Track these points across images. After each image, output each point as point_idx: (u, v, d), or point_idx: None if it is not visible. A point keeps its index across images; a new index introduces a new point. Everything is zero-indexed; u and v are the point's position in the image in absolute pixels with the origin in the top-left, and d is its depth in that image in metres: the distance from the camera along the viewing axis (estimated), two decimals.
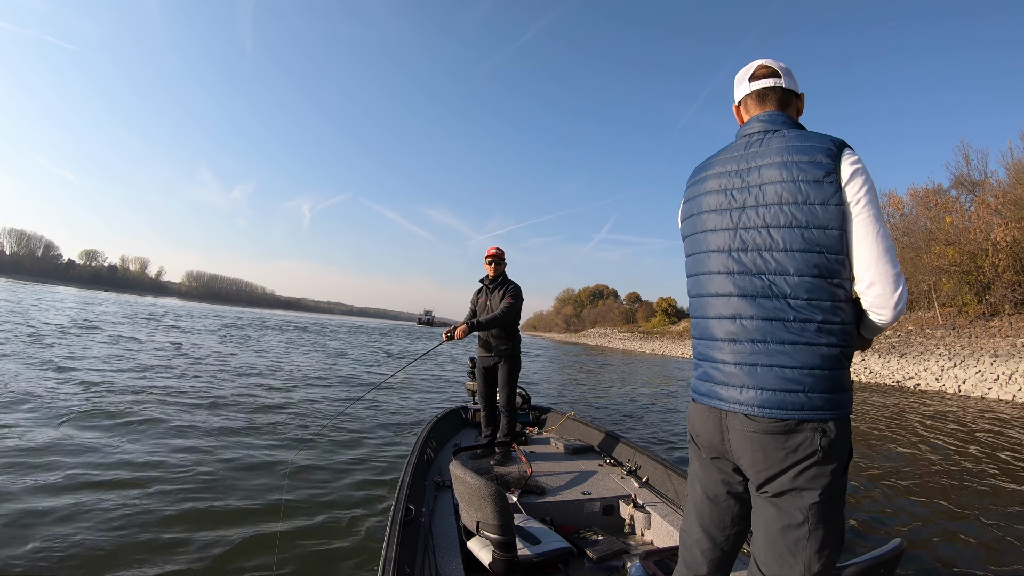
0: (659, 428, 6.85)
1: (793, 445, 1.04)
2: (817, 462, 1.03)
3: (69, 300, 33.36)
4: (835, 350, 1.04)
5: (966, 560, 2.84)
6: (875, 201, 1.06)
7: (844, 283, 1.05)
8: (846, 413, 1.05)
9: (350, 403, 6.58)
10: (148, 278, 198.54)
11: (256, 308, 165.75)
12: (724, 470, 1.18)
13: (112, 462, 3.64)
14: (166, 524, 2.76)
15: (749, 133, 1.23)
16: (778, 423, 1.04)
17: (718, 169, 1.25)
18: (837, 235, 1.04)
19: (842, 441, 1.04)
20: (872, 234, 1.04)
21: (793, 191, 1.08)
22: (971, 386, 13.67)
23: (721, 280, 1.16)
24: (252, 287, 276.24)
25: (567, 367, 18.46)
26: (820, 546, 1.03)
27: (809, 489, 1.03)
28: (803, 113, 1.30)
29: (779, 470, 1.05)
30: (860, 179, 1.05)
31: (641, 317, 73.80)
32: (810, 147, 1.10)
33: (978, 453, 5.70)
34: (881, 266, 1.03)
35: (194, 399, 6.19)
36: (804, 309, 1.05)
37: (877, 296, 1.04)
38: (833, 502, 1.04)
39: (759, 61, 1.29)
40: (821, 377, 1.03)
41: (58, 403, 5.26)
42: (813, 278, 1.05)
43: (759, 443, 1.07)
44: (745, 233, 1.14)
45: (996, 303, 18.91)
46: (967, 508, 3.72)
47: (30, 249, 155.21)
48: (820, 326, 1.04)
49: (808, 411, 1.03)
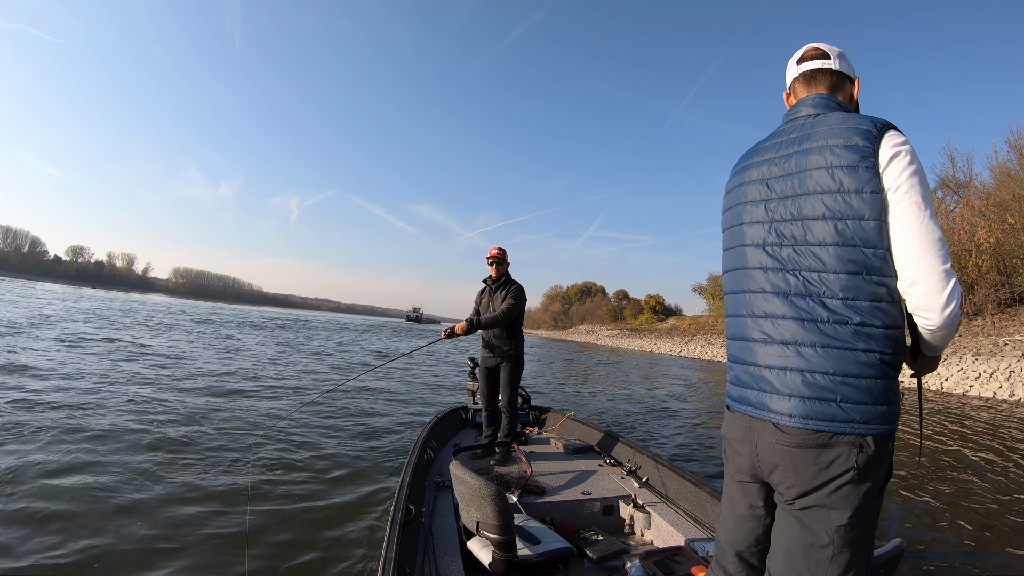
0: (657, 426, 6.90)
1: (826, 461, 0.94)
2: (851, 480, 0.93)
3: (46, 296, 32.41)
4: (874, 356, 0.93)
5: (966, 560, 2.86)
6: (920, 187, 0.94)
7: (887, 281, 0.94)
8: (889, 429, 0.94)
9: (316, 396, 6.51)
10: (135, 274, 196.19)
11: (244, 305, 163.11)
12: (750, 494, 1.11)
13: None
14: (153, 524, 2.72)
15: (794, 118, 1.15)
16: (810, 435, 0.95)
17: (759, 158, 1.16)
18: (875, 226, 0.94)
19: (881, 459, 0.95)
20: (915, 225, 0.92)
21: (827, 179, 0.99)
22: (953, 384, 13.99)
23: (756, 276, 1.09)
24: (239, 284, 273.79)
25: (559, 364, 18.48)
26: (843, 571, 0.93)
27: (839, 509, 0.94)
28: (858, 100, 1.19)
29: (810, 488, 0.96)
30: (902, 162, 0.95)
31: (629, 314, 74.10)
32: (848, 129, 1.00)
33: (971, 450, 5.81)
34: (925, 261, 0.90)
35: (145, 405, 6.01)
36: (839, 309, 0.95)
37: (921, 296, 0.92)
38: (863, 524, 0.95)
39: (811, 44, 1.20)
40: (857, 386, 0.93)
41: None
42: (849, 275, 0.95)
43: (789, 457, 0.98)
44: (780, 226, 1.06)
45: (979, 303, 19.28)
46: (967, 506, 3.76)
47: (16, 245, 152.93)
48: (857, 329, 0.94)
49: (841, 423, 0.93)
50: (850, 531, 0.94)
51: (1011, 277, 18.95)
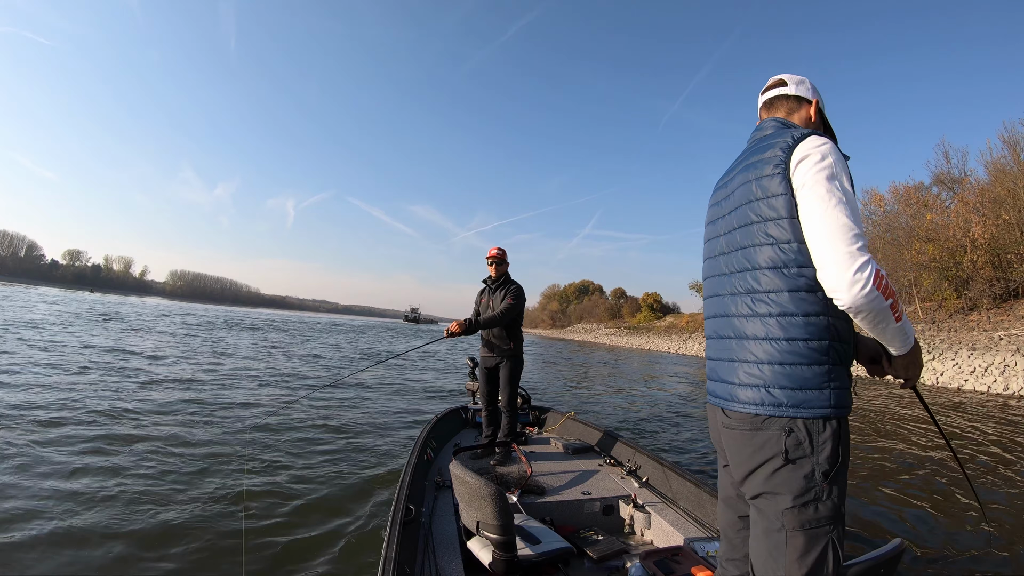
0: (658, 425, 6.91)
1: (759, 444, 1.03)
2: (783, 464, 1.00)
3: (35, 299, 32.02)
4: (797, 343, 1.01)
5: (966, 559, 2.86)
6: (828, 180, 0.99)
7: (805, 271, 1.02)
8: (821, 414, 0.99)
9: (313, 390, 6.50)
10: (132, 278, 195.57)
11: (242, 307, 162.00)
12: (729, 475, 1.20)
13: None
14: (166, 528, 2.71)
15: (749, 140, 1.28)
16: (746, 418, 1.06)
17: (721, 180, 1.32)
18: (788, 223, 1.03)
19: (817, 444, 0.99)
20: (818, 214, 0.97)
21: (753, 190, 1.11)
22: (948, 378, 14.10)
23: (710, 283, 1.26)
24: (237, 286, 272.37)
25: (562, 366, 18.48)
26: (801, 554, 0.98)
27: (781, 494, 1.00)
28: (822, 119, 1.27)
29: (749, 469, 1.06)
30: (808, 162, 1.02)
31: (627, 313, 74.18)
32: (771, 144, 1.10)
33: (970, 450, 5.84)
34: (830, 244, 0.95)
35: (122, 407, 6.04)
36: (764, 303, 1.06)
37: (829, 278, 0.95)
38: (812, 509, 0.98)
39: (775, 76, 1.31)
40: (783, 373, 1.02)
41: None
42: (772, 270, 1.06)
43: (732, 439, 1.10)
44: (724, 239, 1.21)
45: (975, 298, 19.43)
46: (966, 505, 3.76)
47: (12, 249, 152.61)
48: (779, 319, 1.03)
49: (771, 407, 1.02)
50: (798, 514, 0.99)
51: (1006, 272, 19.09)
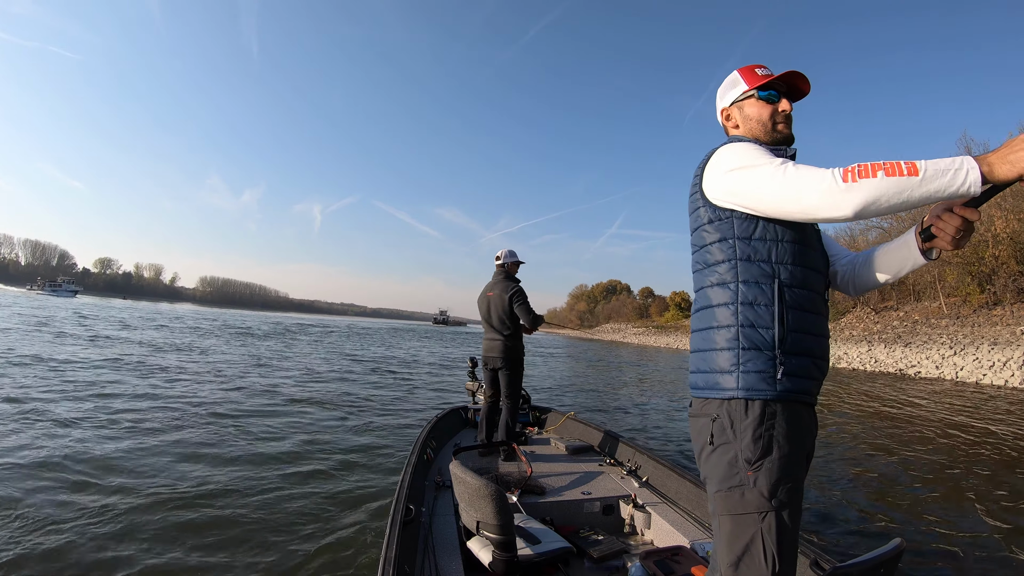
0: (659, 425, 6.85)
1: (696, 429, 1.10)
2: (713, 449, 1.03)
3: (66, 308, 32.70)
4: (710, 331, 1.09)
5: (966, 559, 2.82)
6: (739, 167, 1.01)
7: (716, 268, 1.10)
8: (732, 396, 1.00)
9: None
10: (163, 284, 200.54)
11: (272, 312, 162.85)
12: None
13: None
14: (169, 527, 2.76)
15: None
16: (693, 403, 1.13)
17: None
18: (706, 227, 1.12)
19: (739, 431, 0.98)
20: (751, 187, 0.99)
21: (689, 204, 1.19)
22: (967, 373, 13.79)
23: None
24: (266, 290, 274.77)
25: (593, 369, 18.08)
26: (728, 540, 0.96)
27: (711, 478, 1.03)
28: (743, 123, 1.20)
29: (696, 453, 1.10)
30: (713, 163, 1.09)
31: (655, 312, 73.59)
32: (701, 163, 1.17)
33: (972, 448, 5.71)
34: (784, 203, 0.94)
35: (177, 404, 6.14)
36: (699, 299, 1.16)
37: (821, 214, 0.89)
38: (737, 495, 0.97)
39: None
40: (704, 359, 1.09)
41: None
42: (699, 271, 1.16)
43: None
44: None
45: (998, 292, 18.94)
46: (966, 505, 3.70)
47: (45, 259, 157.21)
48: (700, 312, 1.14)
49: (701, 389, 1.09)
50: (724, 499, 0.99)
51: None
